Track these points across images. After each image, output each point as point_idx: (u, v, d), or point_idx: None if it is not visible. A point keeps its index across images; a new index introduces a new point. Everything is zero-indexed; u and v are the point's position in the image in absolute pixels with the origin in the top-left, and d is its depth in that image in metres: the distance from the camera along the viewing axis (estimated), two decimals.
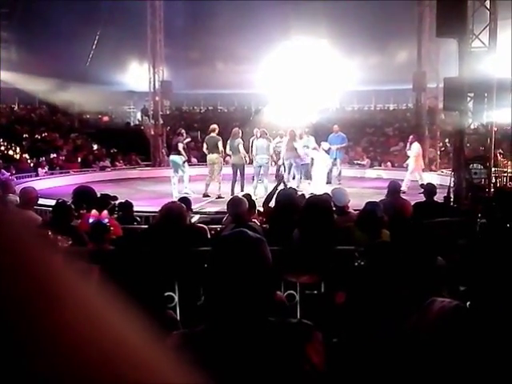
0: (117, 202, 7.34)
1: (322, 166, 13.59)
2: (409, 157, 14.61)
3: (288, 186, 8.07)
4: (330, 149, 15.00)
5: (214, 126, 13.17)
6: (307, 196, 6.06)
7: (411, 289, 2.58)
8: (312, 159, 13.53)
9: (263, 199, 6.70)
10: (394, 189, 7.47)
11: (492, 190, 10.56)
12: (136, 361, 0.36)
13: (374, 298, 2.40)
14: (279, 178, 7.13)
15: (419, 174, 14.29)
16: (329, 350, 2.11)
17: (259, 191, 12.29)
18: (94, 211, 5.42)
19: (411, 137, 15.03)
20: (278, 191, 6.15)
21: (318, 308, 3.79)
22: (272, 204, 6.03)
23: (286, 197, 5.58)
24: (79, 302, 0.36)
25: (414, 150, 14.42)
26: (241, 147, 12.73)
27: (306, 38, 23.59)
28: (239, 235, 1.73)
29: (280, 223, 5.07)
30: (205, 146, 13.06)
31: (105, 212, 5.45)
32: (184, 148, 13.09)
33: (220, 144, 12.66)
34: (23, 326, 0.33)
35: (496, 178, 11.68)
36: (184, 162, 12.94)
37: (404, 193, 10.84)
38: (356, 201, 7.05)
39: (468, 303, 1.96)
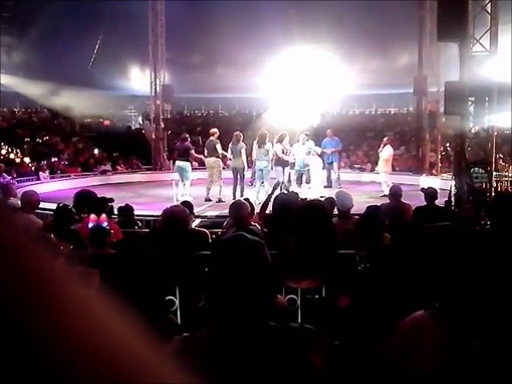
0: (115, 205, 7.33)
1: (319, 170, 13.65)
2: (379, 158, 14.72)
3: (288, 191, 8.07)
4: (323, 153, 15.06)
5: (214, 129, 13.20)
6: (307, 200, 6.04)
7: (412, 292, 2.58)
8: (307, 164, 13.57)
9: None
10: (395, 193, 7.47)
11: (493, 194, 10.54)
12: (136, 365, 0.36)
13: (377, 300, 2.40)
14: (275, 184, 7.12)
15: (386, 177, 14.34)
16: (330, 353, 2.10)
17: (261, 195, 12.32)
18: (92, 215, 5.42)
19: (385, 139, 15.10)
20: (275, 196, 6.14)
21: (319, 312, 3.78)
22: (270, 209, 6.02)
23: (283, 201, 5.56)
24: (79, 306, 0.36)
25: (386, 152, 14.49)
26: (243, 152, 12.75)
27: (307, 42, 23.63)
28: (238, 239, 1.73)
29: (278, 228, 5.05)
30: (205, 150, 13.12)
31: (103, 216, 5.44)
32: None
33: (218, 147, 12.69)
34: (24, 328, 0.32)
35: (497, 182, 11.67)
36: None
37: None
38: (357, 205, 7.04)
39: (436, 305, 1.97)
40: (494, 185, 11.13)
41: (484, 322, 1.80)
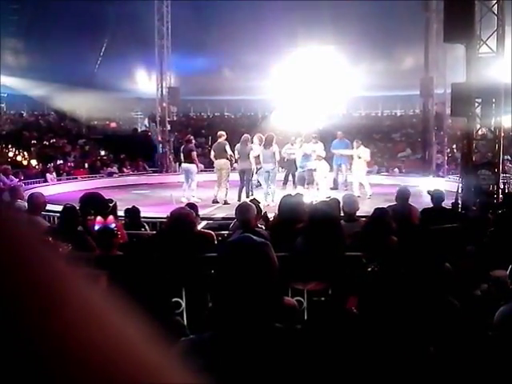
0: (121, 207, 7.33)
1: (324, 173, 13.63)
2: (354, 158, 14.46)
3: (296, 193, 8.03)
4: (333, 155, 15.03)
5: (221, 132, 13.22)
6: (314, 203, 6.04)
7: (420, 294, 2.56)
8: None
9: (271, 205, 6.69)
10: (402, 195, 7.44)
11: (500, 196, 10.50)
12: (143, 366, 0.36)
13: (387, 303, 2.38)
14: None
15: (365, 176, 14.28)
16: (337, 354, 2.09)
17: (269, 198, 12.33)
18: (99, 217, 5.42)
19: (355, 142, 14.67)
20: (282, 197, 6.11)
21: (326, 314, 3.77)
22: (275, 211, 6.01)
23: (290, 203, 5.55)
24: (85, 307, 0.36)
25: (367, 153, 14.39)
26: (251, 154, 12.76)
27: (312, 44, 23.63)
28: (244, 240, 1.73)
29: (283, 229, 5.04)
30: (212, 153, 13.11)
31: (111, 217, 5.44)
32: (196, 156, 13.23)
33: (227, 148, 12.70)
34: (27, 329, 0.32)
35: (504, 183, 11.62)
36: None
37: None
38: (364, 207, 7.04)
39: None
40: (502, 186, 11.08)
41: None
